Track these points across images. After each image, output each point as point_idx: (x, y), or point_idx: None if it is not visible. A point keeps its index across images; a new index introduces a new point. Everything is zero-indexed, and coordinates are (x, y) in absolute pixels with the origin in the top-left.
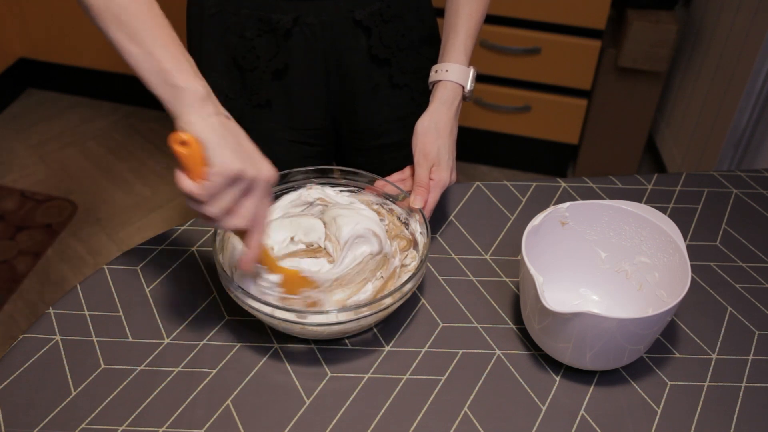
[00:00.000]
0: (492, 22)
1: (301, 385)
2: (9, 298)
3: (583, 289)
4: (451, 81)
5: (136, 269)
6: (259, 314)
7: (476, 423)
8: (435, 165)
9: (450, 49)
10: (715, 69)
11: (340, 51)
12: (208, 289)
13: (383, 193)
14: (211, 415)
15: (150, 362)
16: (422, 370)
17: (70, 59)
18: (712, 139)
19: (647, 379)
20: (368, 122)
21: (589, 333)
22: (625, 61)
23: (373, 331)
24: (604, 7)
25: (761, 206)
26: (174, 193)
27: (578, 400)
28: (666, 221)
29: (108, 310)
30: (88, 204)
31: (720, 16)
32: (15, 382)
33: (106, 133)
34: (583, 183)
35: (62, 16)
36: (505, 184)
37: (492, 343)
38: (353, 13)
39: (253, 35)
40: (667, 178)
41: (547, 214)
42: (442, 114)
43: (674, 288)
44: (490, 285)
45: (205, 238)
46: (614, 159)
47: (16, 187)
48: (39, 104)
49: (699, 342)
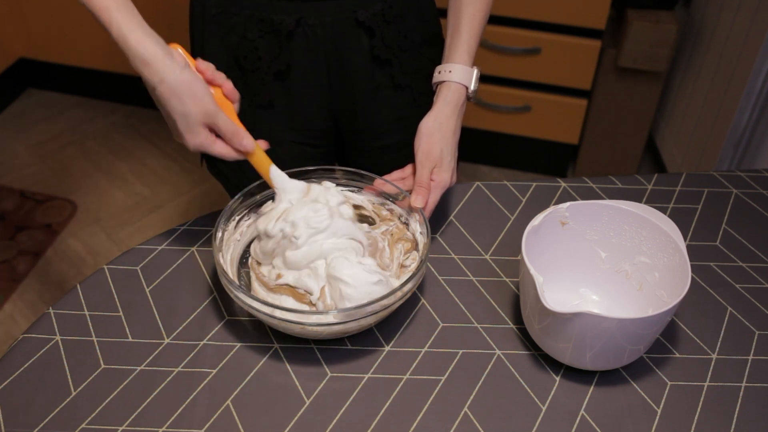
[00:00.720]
0: (492, 22)
1: (301, 385)
2: (9, 298)
3: (583, 289)
4: (454, 82)
5: (136, 269)
6: (259, 314)
7: (476, 423)
8: (437, 166)
9: (453, 49)
10: (715, 69)
11: (341, 52)
12: (208, 289)
13: (383, 193)
14: (211, 415)
15: (150, 362)
16: (422, 370)
17: (70, 59)
18: (712, 139)
19: (647, 379)
20: (369, 122)
21: (589, 333)
22: (625, 61)
23: (373, 331)
24: (604, 7)
25: (761, 206)
26: (174, 193)
27: (578, 400)
28: (666, 221)
29: (108, 310)
30: (88, 204)
31: (720, 16)
32: (15, 382)
33: (106, 133)
34: (583, 183)
35: (62, 16)
36: (505, 184)
37: (492, 343)
38: (355, 13)
39: (255, 36)
40: (667, 178)
41: (547, 214)
42: (446, 115)
43: (674, 288)
44: (490, 285)
45: (205, 238)
46: (614, 159)
47: (16, 187)
48: (39, 104)
49: (699, 342)
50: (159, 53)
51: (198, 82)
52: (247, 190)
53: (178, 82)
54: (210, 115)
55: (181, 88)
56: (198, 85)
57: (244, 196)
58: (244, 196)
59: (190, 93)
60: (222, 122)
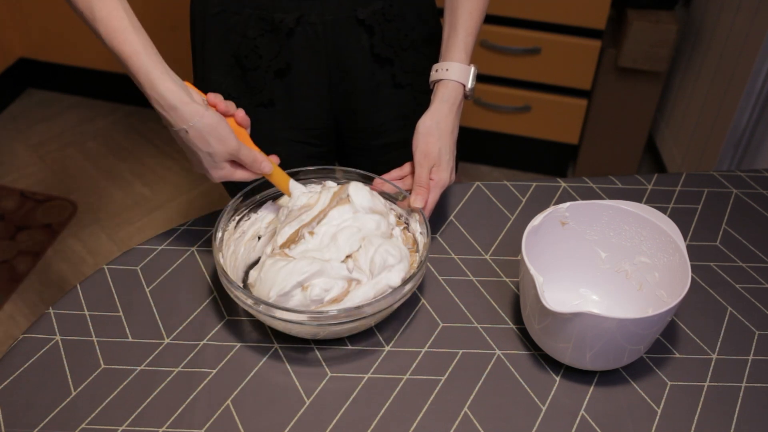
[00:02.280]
0: (492, 22)
1: (301, 385)
2: (9, 298)
3: (583, 289)
4: (452, 80)
5: (136, 269)
6: (259, 314)
7: (476, 423)
8: (435, 165)
9: (450, 47)
10: (715, 69)
11: (342, 50)
12: (208, 289)
13: (383, 193)
14: (211, 415)
15: (150, 362)
16: (422, 370)
17: (70, 59)
18: (712, 139)
19: (647, 379)
20: (370, 121)
21: (589, 333)
22: (625, 61)
23: (373, 331)
24: (604, 7)
25: (761, 206)
26: (174, 193)
27: (578, 400)
28: (666, 221)
29: (108, 310)
30: (88, 204)
31: (720, 16)
32: (15, 382)
33: (106, 133)
34: (583, 183)
35: (62, 16)
36: (505, 184)
37: (492, 343)
38: (356, 12)
39: (256, 35)
40: (667, 178)
41: (547, 214)
42: (444, 114)
43: (674, 288)
44: (490, 285)
45: (205, 238)
46: (614, 159)
47: (16, 187)
48: (39, 104)
49: (699, 342)
50: (185, 98)
51: (222, 123)
52: (247, 190)
53: (204, 125)
54: (233, 152)
55: (208, 130)
56: (222, 127)
57: (244, 196)
58: (244, 196)
59: (217, 135)
60: (243, 155)
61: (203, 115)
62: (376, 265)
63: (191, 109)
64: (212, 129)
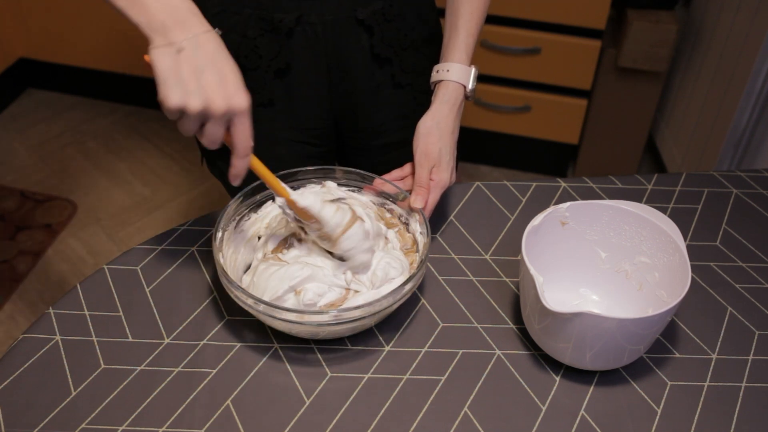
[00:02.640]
0: (492, 22)
1: (301, 385)
2: (9, 298)
3: (583, 289)
4: (452, 81)
5: (136, 269)
6: (259, 314)
7: (476, 423)
8: (436, 165)
9: (451, 48)
10: (715, 69)
11: (342, 50)
12: (208, 289)
13: (383, 193)
14: (211, 415)
15: (150, 362)
16: (422, 370)
17: (70, 59)
18: (712, 139)
19: (647, 379)
20: (370, 121)
21: (589, 333)
22: (625, 61)
23: (373, 331)
24: (604, 7)
25: (761, 206)
26: (174, 193)
27: (578, 400)
28: (666, 221)
29: (108, 310)
30: (88, 204)
31: (720, 16)
32: (15, 382)
33: (106, 133)
34: (583, 183)
35: (62, 16)
36: (505, 184)
37: (492, 343)
38: (355, 12)
39: (256, 34)
40: (667, 178)
41: (547, 214)
42: (444, 114)
43: (674, 288)
44: (490, 285)
45: (205, 238)
46: (614, 159)
47: (16, 187)
48: (39, 104)
49: (699, 342)
50: (193, 7)
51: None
52: (247, 190)
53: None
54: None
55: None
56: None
57: (244, 196)
58: (245, 196)
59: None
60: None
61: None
62: (378, 278)
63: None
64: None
